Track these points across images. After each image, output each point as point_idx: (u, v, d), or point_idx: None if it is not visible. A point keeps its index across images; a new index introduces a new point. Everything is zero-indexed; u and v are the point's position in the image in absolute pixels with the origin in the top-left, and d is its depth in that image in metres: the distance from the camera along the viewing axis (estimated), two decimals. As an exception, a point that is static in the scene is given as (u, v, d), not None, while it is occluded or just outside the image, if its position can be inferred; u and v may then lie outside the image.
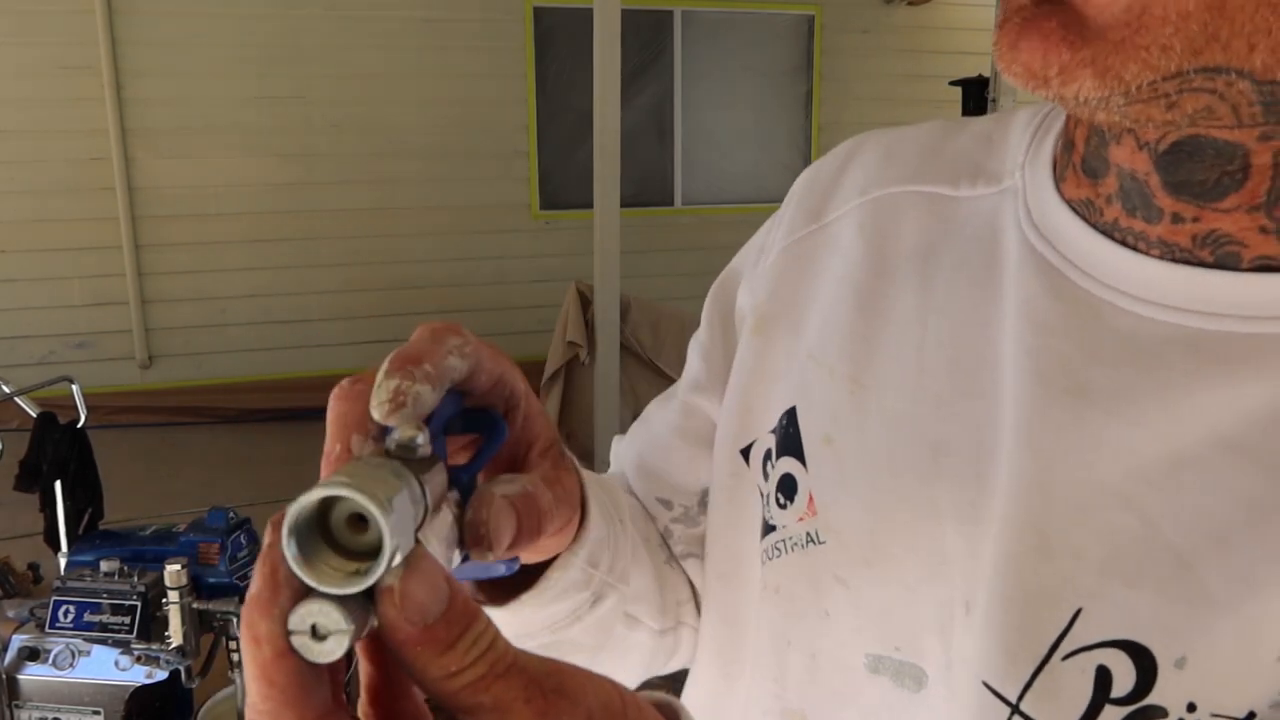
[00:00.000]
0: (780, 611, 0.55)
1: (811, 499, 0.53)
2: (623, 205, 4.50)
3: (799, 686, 0.54)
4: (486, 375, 0.41)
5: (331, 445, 0.35)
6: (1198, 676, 0.39)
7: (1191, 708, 0.39)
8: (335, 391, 0.36)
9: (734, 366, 0.62)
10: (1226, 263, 0.42)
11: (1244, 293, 0.41)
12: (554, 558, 0.50)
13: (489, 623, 0.30)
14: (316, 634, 0.28)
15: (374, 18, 5.72)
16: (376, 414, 0.34)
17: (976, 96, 5.42)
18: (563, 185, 6.24)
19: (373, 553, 0.28)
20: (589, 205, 4.59)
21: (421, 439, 0.33)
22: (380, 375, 0.35)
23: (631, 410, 4.80)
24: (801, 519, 0.53)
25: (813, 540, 0.53)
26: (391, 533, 0.28)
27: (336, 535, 0.29)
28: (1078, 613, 0.42)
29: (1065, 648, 0.42)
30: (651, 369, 4.74)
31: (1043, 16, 0.38)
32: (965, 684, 0.46)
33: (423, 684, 0.29)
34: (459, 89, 5.95)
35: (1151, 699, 0.40)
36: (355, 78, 5.75)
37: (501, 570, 0.45)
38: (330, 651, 0.28)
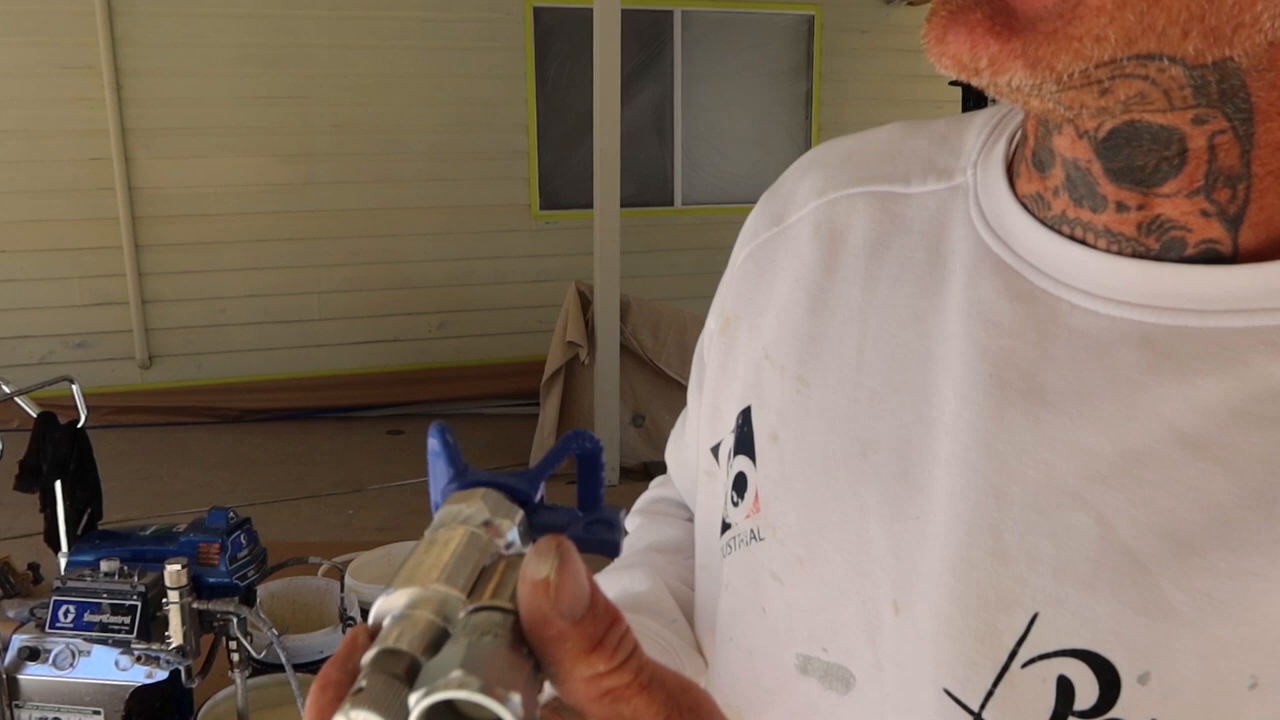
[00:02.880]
0: (727, 607, 0.55)
1: (758, 496, 0.53)
2: (623, 205, 4.51)
3: (735, 683, 0.54)
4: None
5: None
6: (1162, 695, 0.38)
7: None
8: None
9: (707, 373, 0.63)
10: (1173, 248, 0.42)
11: (1195, 286, 0.41)
12: None
13: (628, 627, 0.29)
14: None
15: (374, 18, 5.72)
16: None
17: (976, 96, 5.42)
18: (563, 185, 6.24)
19: None
20: (589, 205, 4.59)
21: (500, 518, 0.32)
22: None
23: (631, 410, 4.80)
24: (748, 516, 0.54)
25: (755, 537, 0.53)
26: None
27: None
28: (1034, 618, 0.41)
29: (1024, 654, 0.41)
30: (651, 369, 4.74)
31: (969, 8, 0.38)
32: (910, 688, 0.45)
33: (567, 685, 0.28)
34: (459, 89, 5.95)
35: (1115, 713, 0.39)
36: (355, 78, 5.75)
37: None
38: None
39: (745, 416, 0.56)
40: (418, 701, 0.26)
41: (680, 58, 6.34)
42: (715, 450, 0.60)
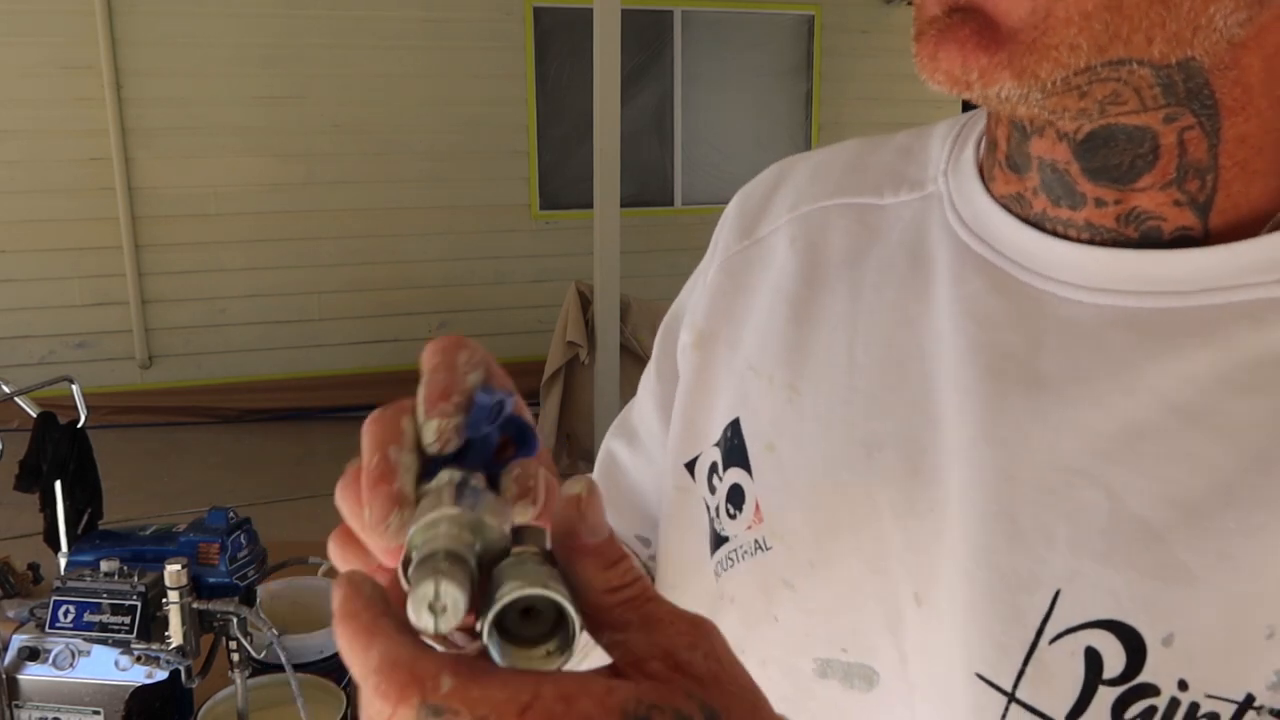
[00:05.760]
0: (735, 620, 0.55)
1: (758, 506, 0.54)
2: (623, 205, 4.51)
3: None
4: (499, 381, 0.42)
5: (369, 457, 0.37)
6: (1186, 654, 0.40)
7: (1183, 685, 0.40)
8: (370, 416, 0.38)
9: (678, 387, 0.63)
10: (1151, 237, 0.44)
11: (1172, 269, 0.43)
12: None
13: (635, 564, 0.32)
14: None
15: (374, 18, 5.72)
16: (432, 451, 0.37)
17: (976, 96, 5.42)
18: (563, 185, 6.24)
19: (543, 636, 0.31)
20: (589, 205, 4.59)
21: (475, 479, 0.36)
22: (421, 416, 0.37)
23: (631, 410, 4.80)
24: (750, 527, 0.54)
25: (761, 547, 0.54)
26: (578, 619, 0.30)
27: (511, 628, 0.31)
28: (1057, 594, 0.43)
29: (1050, 631, 0.43)
30: (651, 369, 4.73)
31: (956, 25, 0.41)
32: (939, 677, 0.46)
33: (586, 594, 0.31)
34: (459, 89, 5.95)
35: (1143, 678, 0.41)
36: (355, 78, 5.75)
37: None
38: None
39: (734, 428, 0.56)
40: (504, 596, 0.29)
41: (680, 58, 6.34)
42: (690, 466, 0.60)
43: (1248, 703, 0.39)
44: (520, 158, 6.19)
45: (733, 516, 0.56)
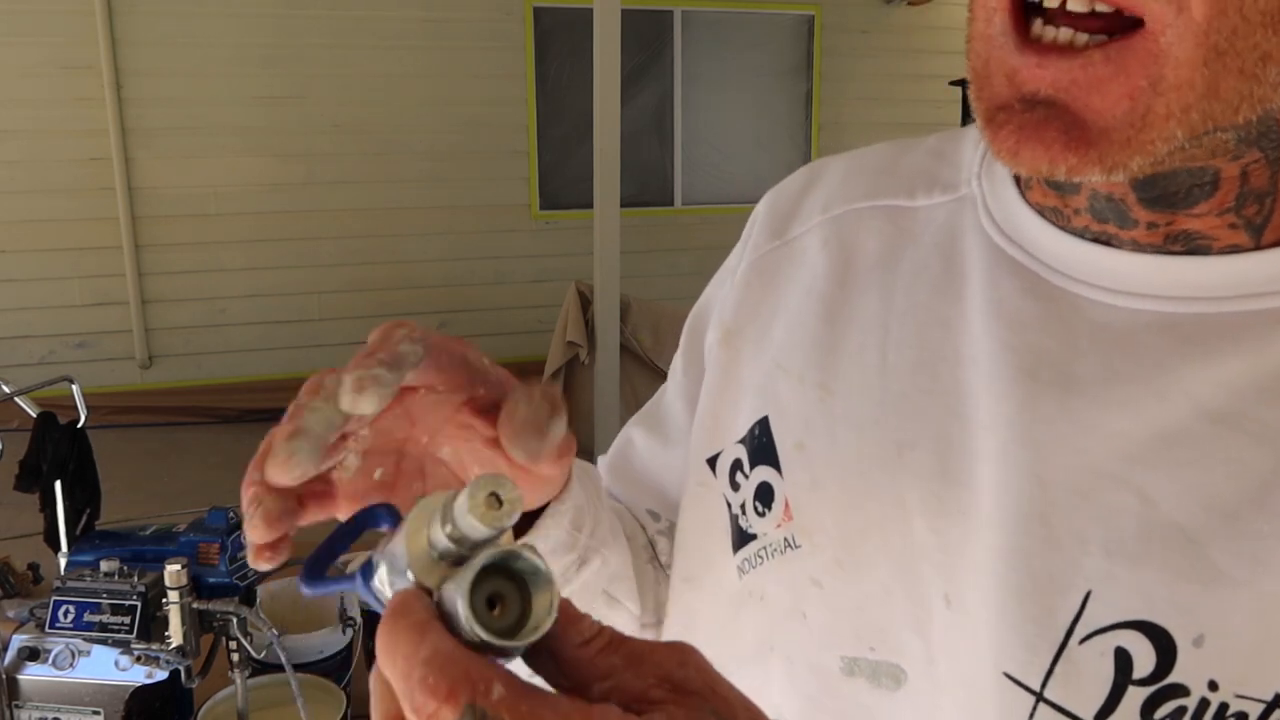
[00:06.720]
0: (763, 617, 0.55)
1: (788, 505, 0.54)
2: (623, 205, 4.50)
3: (780, 692, 0.54)
4: (447, 356, 0.42)
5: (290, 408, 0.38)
6: (1217, 655, 0.40)
7: (1213, 686, 0.40)
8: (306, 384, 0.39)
9: (704, 383, 0.63)
10: (1197, 253, 0.44)
11: (1210, 276, 0.43)
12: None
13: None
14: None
15: (374, 18, 5.72)
16: (344, 403, 0.37)
17: (976, 96, 5.41)
18: (563, 185, 6.24)
19: (506, 630, 0.30)
20: (589, 205, 4.59)
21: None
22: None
23: (631, 410, 4.79)
24: (779, 525, 0.54)
25: (790, 545, 0.54)
26: (557, 588, 0.30)
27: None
28: (1088, 596, 0.43)
29: (1080, 631, 0.43)
30: (651, 369, 4.74)
31: (1041, 123, 0.40)
32: (967, 676, 0.46)
33: (562, 655, 0.30)
34: (459, 89, 5.95)
35: (1173, 678, 0.41)
36: (356, 78, 5.75)
37: None
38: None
39: (763, 426, 0.56)
40: (476, 561, 0.30)
41: (680, 58, 6.33)
42: (712, 462, 0.60)
43: (1276, 702, 0.39)
44: (520, 158, 6.18)
45: (761, 514, 0.56)
